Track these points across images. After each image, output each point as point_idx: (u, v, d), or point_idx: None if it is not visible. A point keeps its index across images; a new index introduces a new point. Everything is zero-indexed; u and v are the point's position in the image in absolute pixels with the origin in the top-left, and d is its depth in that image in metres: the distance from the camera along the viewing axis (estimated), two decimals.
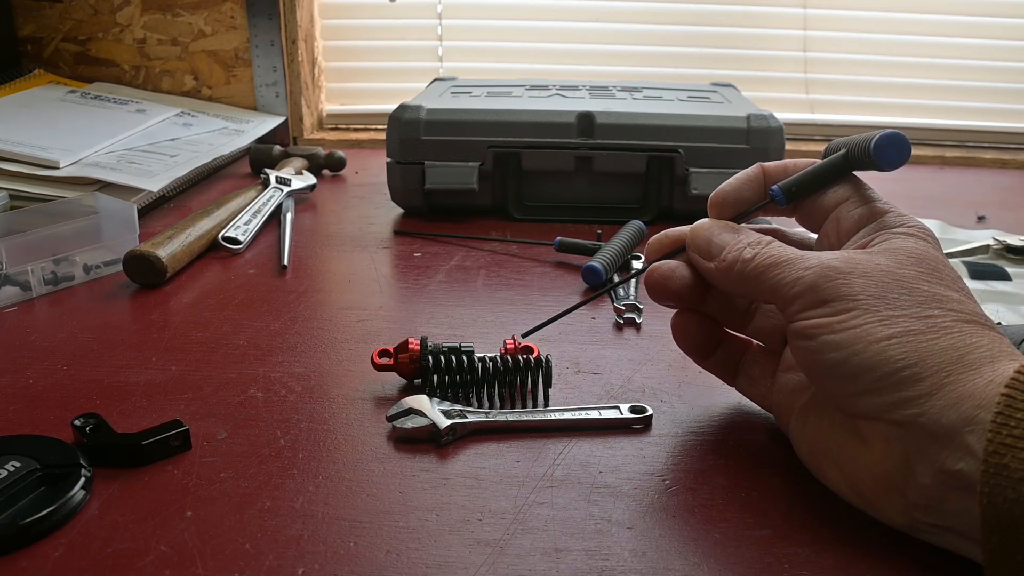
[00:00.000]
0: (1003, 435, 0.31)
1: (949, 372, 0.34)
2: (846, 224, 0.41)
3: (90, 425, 0.43)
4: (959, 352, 0.34)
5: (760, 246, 0.40)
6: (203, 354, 0.54)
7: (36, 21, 1.16)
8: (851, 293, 0.36)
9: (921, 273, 0.37)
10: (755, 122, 0.80)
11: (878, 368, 0.34)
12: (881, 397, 0.34)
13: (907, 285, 0.36)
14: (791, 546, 0.37)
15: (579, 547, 0.36)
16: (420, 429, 0.44)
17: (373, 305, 0.63)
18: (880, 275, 0.36)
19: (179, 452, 0.43)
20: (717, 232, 0.42)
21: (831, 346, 0.36)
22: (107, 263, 0.68)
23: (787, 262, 0.38)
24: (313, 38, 1.19)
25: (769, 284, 0.39)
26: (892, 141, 0.40)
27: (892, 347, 0.34)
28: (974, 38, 1.17)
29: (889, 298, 0.36)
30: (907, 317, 0.35)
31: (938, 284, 0.36)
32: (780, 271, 0.38)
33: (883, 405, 0.34)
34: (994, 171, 1.11)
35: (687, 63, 1.21)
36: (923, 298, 0.36)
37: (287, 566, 0.35)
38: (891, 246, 0.38)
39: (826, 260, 0.38)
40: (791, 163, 0.44)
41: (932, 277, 0.37)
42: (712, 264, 0.42)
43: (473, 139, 0.81)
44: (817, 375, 0.37)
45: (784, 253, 0.39)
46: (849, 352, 0.35)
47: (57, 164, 0.84)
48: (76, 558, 0.35)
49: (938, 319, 0.35)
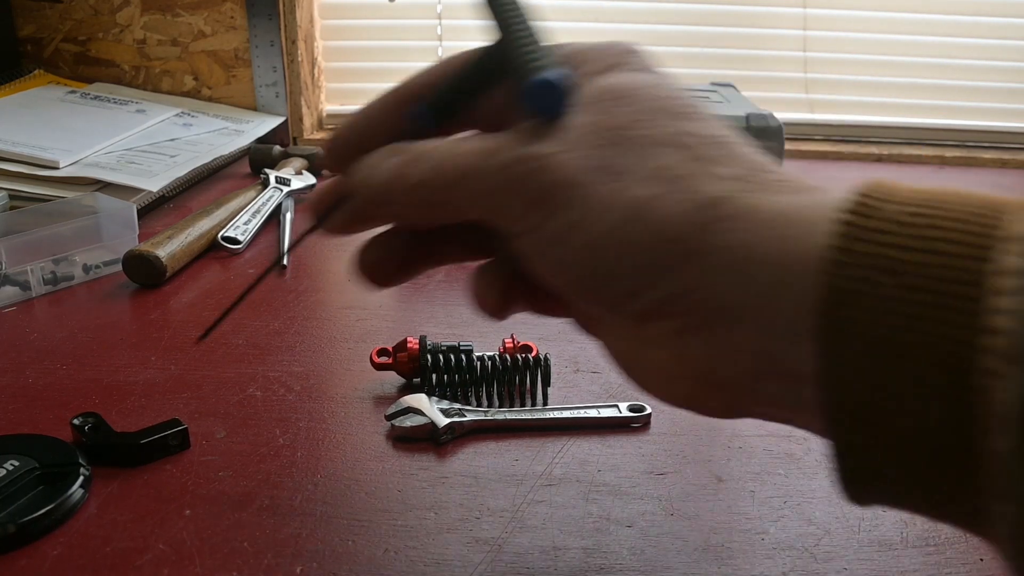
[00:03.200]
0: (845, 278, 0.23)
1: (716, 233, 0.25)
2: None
3: (89, 424, 0.43)
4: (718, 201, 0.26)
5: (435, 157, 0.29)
6: (202, 353, 0.54)
7: (36, 21, 1.16)
8: (563, 179, 0.27)
9: (632, 112, 0.28)
10: (755, 122, 0.80)
11: (627, 260, 0.26)
12: (650, 293, 0.26)
13: (623, 136, 0.27)
14: (791, 545, 0.37)
15: (578, 545, 0.36)
16: (419, 428, 0.44)
17: (372, 304, 0.63)
18: (585, 138, 0.27)
19: (178, 451, 0.43)
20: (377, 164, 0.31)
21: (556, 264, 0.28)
22: (107, 263, 0.68)
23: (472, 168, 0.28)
24: (313, 38, 1.19)
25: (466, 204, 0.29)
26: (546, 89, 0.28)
27: (632, 231, 0.26)
28: (974, 38, 1.17)
29: (608, 165, 0.27)
30: (637, 183, 0.26)
31: (660, 118, 0.28)
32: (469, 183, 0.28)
33: (656, 301, 0.26)
34: (994, 171, 1.11)
35: (687, 63, 1.21)
36: (645, 147, 0.27)
37: (285, 565, 0.35)
38: (587, 94, 0.28)
39: (516, 148, 0.28)
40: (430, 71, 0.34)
41: (647, 111, 0.28)
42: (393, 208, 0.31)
43: None
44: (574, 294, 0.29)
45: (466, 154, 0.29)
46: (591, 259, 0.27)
47: (57, 164, 0.84)
48: (75, 557, 0.35)
49: (676, 169, 0.26)
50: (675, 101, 0.28)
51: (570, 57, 0.31)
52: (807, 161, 1.13)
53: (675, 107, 0.28)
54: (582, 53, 0.31)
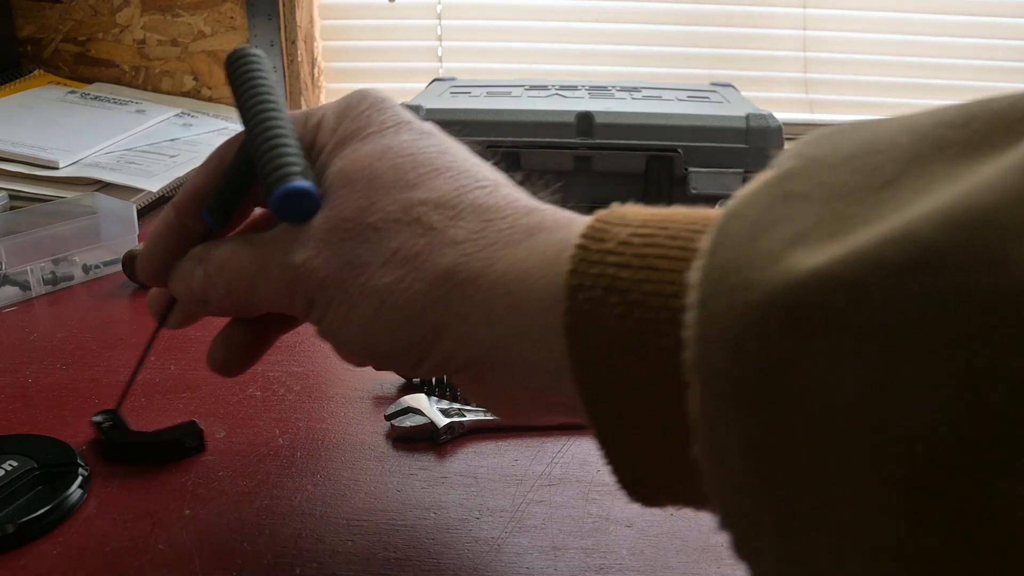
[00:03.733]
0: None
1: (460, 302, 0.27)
2: None
3: (108, 423, 0.43)
4: (453, 271, 0.27)
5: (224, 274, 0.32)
6: (202, 353, 0.54)
7: (36, 22, 1.16)
8: (319, 282, 0.29)
9: (361, 198, 0.29)
10: (754, 122, 0.80)
11: (393, 347, 0.28)
12: (425, 364, 0.28)
13: (357, 228, 0.28)
14: None
15: (577, 545, 0.36)
16: (418, 428, 0.44)
17: None
18: (327, 236, 0.29)
19: (194, 453, 0.43)
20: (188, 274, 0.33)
21: (346, 347, 0.30)
22: (106, 263, 0.68)
23: (256, 284, 0.31)
24: (313, 38, 1.19)
25: (262, 305, 0.32)
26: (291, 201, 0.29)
27: (385, 320, 0.28)
28: (974, 38, 1.17)
29: (352, 260, 0.28)
30: (378, 272, 0.28)
31: (389, 195, 0.29)
32: (260, 296, 0.31)
33: (433, 368, 0.29)
34: None
35: (687, 63, 1.21)
36: (378, 232, 0.28)
37: (285, 564, 0.35)
38: (324, 186, 0.30)
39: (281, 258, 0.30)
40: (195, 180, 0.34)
41: (376, 191, 0.29)
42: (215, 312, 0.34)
43: (472, 139, 0.81)
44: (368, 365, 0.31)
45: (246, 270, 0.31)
46: (362, 346, 0.29)
47: (57, 164, 0.84)
48: (74, 557, 0.35)
49: (409, 247, 0.28)
50: (405, 166, 0.29)
51: (311, 131, 0.32)
52: None
53: (404, 175, 0.29)
54: (324, 123, 0.32)
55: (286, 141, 0.30)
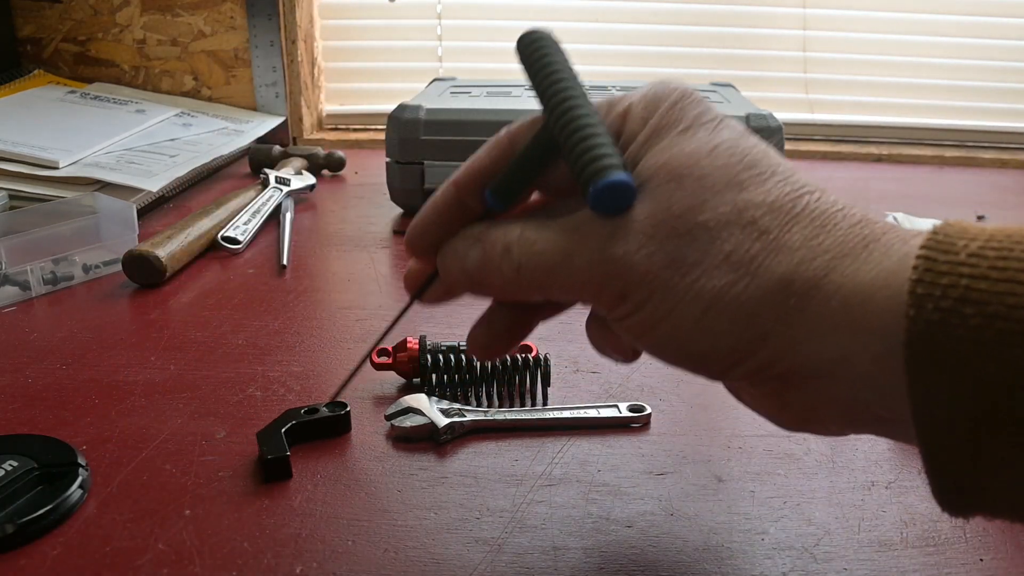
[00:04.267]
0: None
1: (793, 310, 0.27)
2: None
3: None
4: (788, 279, 0.27)
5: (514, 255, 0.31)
6: (202, 353, 0.54)
7: (36, 21, 1.16)
8: (640, 276, 0.28)
9: (691, 197, 0.28)
10: (754, 122, 0.80)
11: (714, 350, 0.28)
12: (740, 368, 0.28)
13: (686, 227, 0.28)
14: (791, 544, 0.37)
15: (577, 545, 0.36)
16: (419, 428, 0.44)
17: (372, 304, 0.63)
18: (653, 231, 0.28)
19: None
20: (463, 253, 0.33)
21: (656, 346, 0.29)
22: (106, 263, 0.68)
23: (556, 268, 0.30)
24: (313, 38, 1.19)
25: (559, 293, 0.31)
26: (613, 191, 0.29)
27: (714, 322, 0.27)
28: (974, 38, 1.17)
29: (678, 258, 0.28)
30: (708, 273, 0.27)
31: (719, 195, 0.28)
32: (558, 280, 0.30)
33: (748, 373, 0.28)
34: (993, 171, 1.11)
35: (687, 63, 1.21)
36: (710, 232, 0.28)
37: (285, 564, 0.35)
38: (646, 177, 0.29)
39: (593, 247, 0.29)
40: (479, 161, 0.34)
41: (706, 190, 0.28)
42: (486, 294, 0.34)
43: (472, 139, 0.80)
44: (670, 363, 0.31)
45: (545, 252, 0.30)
46: (679, 345, 0.29)
47: (57, 164, 0.84)
48: (74, 557, 0.35)
49: (743, 252, 0.27)
50: (734, 166, 0.28)
51: (617, 120, 0.31)
52: (807, 161, 1.13)
53: (735, 175, 0.28)
54: (631, 113, 0.31)
55: (598, 131, 0.30)
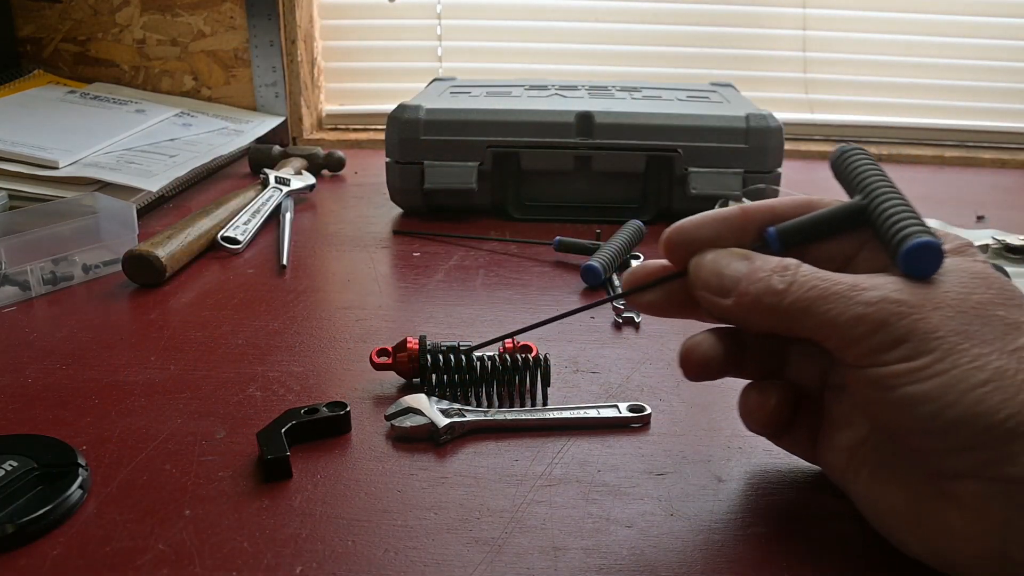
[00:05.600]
0: None
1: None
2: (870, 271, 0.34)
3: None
4: None
5: (791, 273, 0.33)
6: (202, 353, 0.54)
7: (36, 21, 1.16)
8: (930, 329, 0.30)
9: (992, 296, 0.32)
10: (754, 122, 0.80)
11: (977, 421, 0.29)
12: (981, 453, 0.29)
13: (984, 313, 0.31)
14: (791, 544, 0.37)
15: (577, 546, 0.36)
16: (419, 428, 0.44)
17: (372, 304, 0.63)
18: (953, 304, 0.31)
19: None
20: (726, 261, 0.35)
21: (917, 398, 0.30)
22: (106, 263, 0.68)
23: (837, 294, 0.32)
24: (312, 38, 1.19)
25: (818, 322, 0.32)
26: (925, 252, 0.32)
27: (989, 395, 0.29)
28: (974, 38, 1.17)
29: (972, 332, 0.30)
30: (997, 353, 0.30)
31: (1011, 307, 0.31)
32: (831, 305, 0.32)
33: (982, 462, 0.30)
34: (993, 171, 1.11)
35: (686, 63, 1.21)
36: (1006, 326, 0.31)
37: (285, 564, 0.35)
38: (952, 269, 0.33)
39: (888, 289, 0.31)
40: (779, 203, 0.37)
41: (1003, 299, 0.32)
42: (729, 301, 0.34)
43: (472, 139, 0.81)
44: (898, 430, 0.32)
45: (828, 280, 0.32)
46: (940, 404, 0.29)
47: (56, 164, 0.84)
48: (74, 557, 0.35)
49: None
50: (1016, 294, 0.33)
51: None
52: (807, 161, 1.13)
53: (1018, 299, 0.32)
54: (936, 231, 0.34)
55: (917, 214, 0.34)
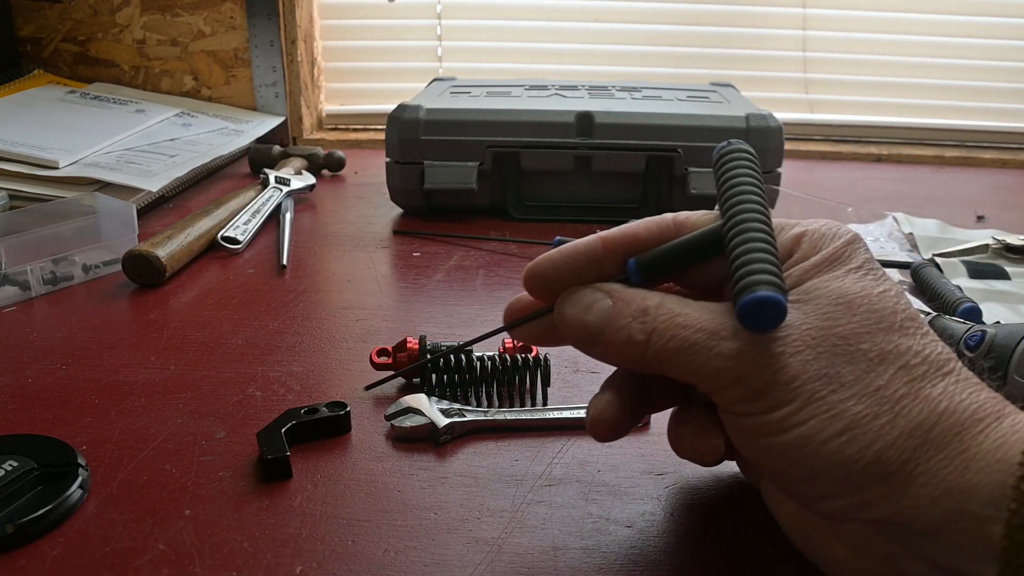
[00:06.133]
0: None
1: (918, 461, 0.28)
2: None
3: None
4: (923, 429, 0.28)
5: (650, 320, 0.32)
6: (202, 353, 0.54)
7: (36, 21, 1.16)
8: (789, 379, 0.29)
9: (856, 325, 0.30)
10: (754, 122, 0.80)
11: (837, 470, 0.29)
12: (845, 499, 0.29)
13: (846, 350, 0.29)
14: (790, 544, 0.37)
15: (577, 545, 0.36)
16: (419, 428, 0.44)
17: (372, 304, 0.63)
18: (813, 344, 0.30)
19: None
20: (587, 302, 0.33)
21: (781, 448, 0.30)
22: (106, 263, 0.68)
23: (696, 345, 0.31)
24: (312, 38, 1.19)
25: (682, 371, 0.31)
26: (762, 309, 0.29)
27: (846, 445, 0.28)
28: (974, 38, 1.17)
29: (832, 374, 0.29)
30: (856, 397, 0.29)
31: (883, 333, 0.30)
32: (692, 357, 0.31)
33: (850, 507, 0.29)
34: (994, 171, 1.11)
35: (687, 63, 1.21)
36: (869, 362, 0.29)
37: (285, 564, 0.35)
38: (815, 295, 0.31)
39: (745, 338, 0.30)
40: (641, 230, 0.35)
41: (869, 325, 0.30)
42: (597, 349, 0.33)
43: (472, 139, 0.81)
44: (767, 471, 0.32)
45: (688, 327, 0.31)
46: (802, 454, 0.29)
47: (56, 164, 0.84)
48: (74, 557, 0.35)
49: (893, 390, 0.29)
50: (899, 313, 0.31)
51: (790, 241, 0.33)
52: (807, 161, 1.13)
53: (899, 320, 0.30)
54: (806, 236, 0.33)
55: (769, 247, 0.31)
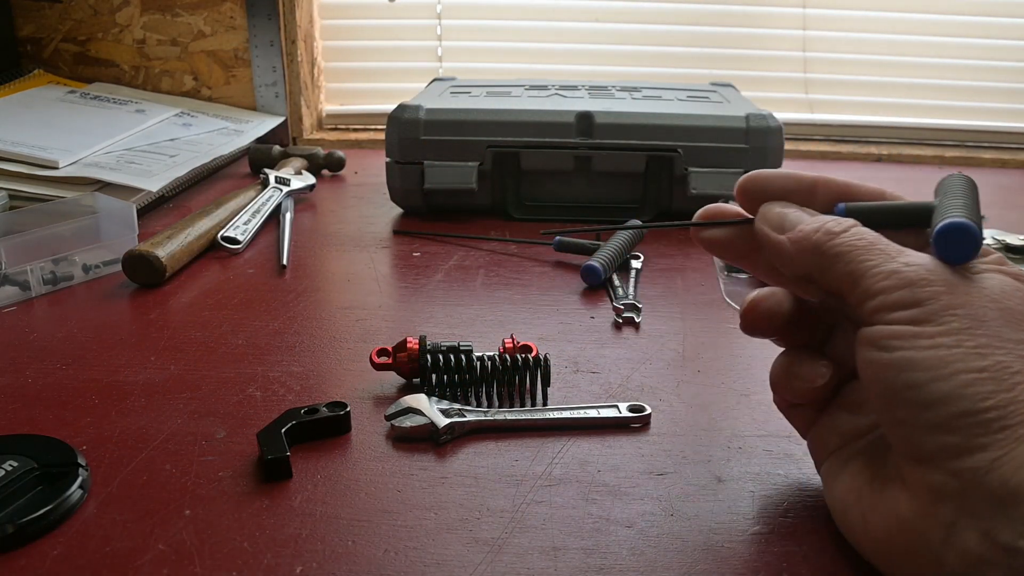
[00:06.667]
0: None
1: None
2: None
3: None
4: None
5: (848, 223, 0.35)
6: (202, 354, 0.54)
7: (36, 21, 1.16)
8: (951, 304, 0.31)
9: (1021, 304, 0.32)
10: (754, 122, 0.80)
11: (960, 402, 0.29)
12: (953, 437, 0.30)
13: (1010, 316, 0.31)
14: (790, 545, 0.37)
15: (577, 546, 0.36)
16: (419, 428, 0.44)
17: (372, 304, 0.63)
18: (984, 297, 0.31)
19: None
20: (794, 211, 0.37)
21: (911, 364, 0.30)
22: (106, 263, 0.68)
23: (882, 250, 0.33)
24: (312, 38, 1.19)
25: (852, 268, 0.33)
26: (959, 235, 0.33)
27: (981, 381, 0.29)
28: (974, 38, 1.17)
29: (990, 323, 0.31)
30: (1005, 350, 0.30)
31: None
32: (871, 257, 0.33)
33: (951, 447, 0.30)
34: (994, 171, 1.11)
35: (687, 63, 1.21)
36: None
37: (285, 564, 0.35)
38: (990, 274, 0.33)
39: (932, 264, 0.32)
40: (855, 183, 0.38)
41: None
42: (783, 236, 0.36)
43: (472, 139, 0.81)
44: (883, 393, 0.32)
45: (880, 239, 0.34)
46: (931, 376, 0.30)
47: (56, 164, 0.84)
48: (74, 557, 0.35)
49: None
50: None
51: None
52: (807, 161, 1.13)
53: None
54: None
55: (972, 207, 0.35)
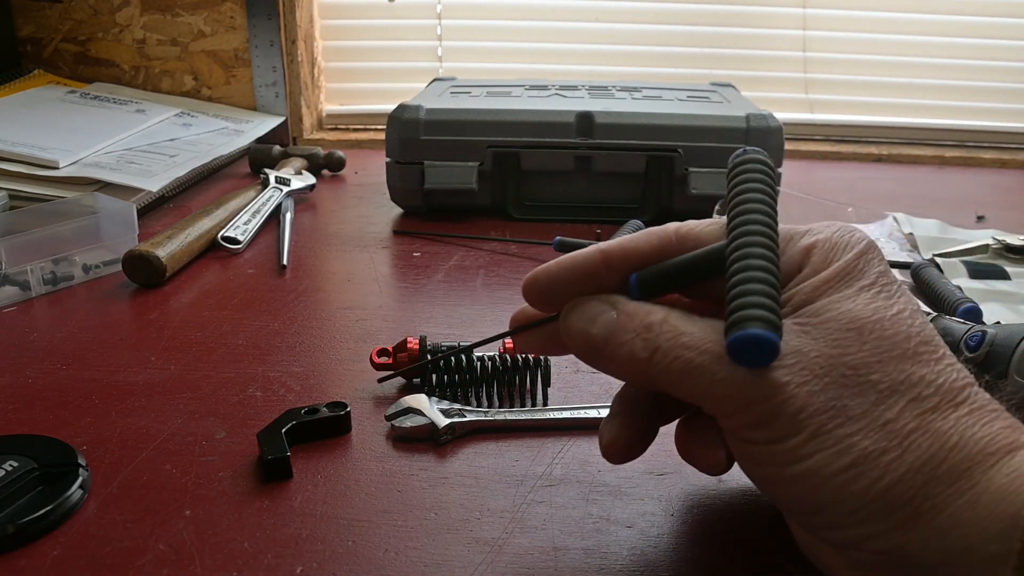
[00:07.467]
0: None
1: (926, 496, 0.27)
2: None
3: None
4: (932, 464, 0.27)
5: (653, 336, 0.31)
6: (202, 354, 0.54)
7: (36, 21, 1.16)
8: (796, 410, 0.28)
9: (866, 355, 0.29)
10: (754, 122, 0.80)
11: (840, 504, 0.28)
12: (852, 531, 0.28)
13: (856, 381, 0.28)
14: (789, 544, 0.37)
15: (578, 546, 0.36)
16: (419, 428, 0.44)
17: (372, 305, 0.63)
18: (822, 373, 0.28)
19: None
20: (592, 314, 0.32)
21: (785, 479, 0.29)
22: (106, 263, 0.68)
23: (701, 369, 0.29)
24: (313, 38, 1.19)
25: (686, 393, 0.30)
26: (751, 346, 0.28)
27: (852, 480, 0.28)
28: (974, 38, 1.17)
29: (840, 407, 0.28)
30: (864, 432, 0.28)
31: (894, 361, 0.29)
32: (696, 380, 0.30)
33: (856, 538, 0.28)
34: (994, 171, 1.11)
35: (687, 63, 1.21)
36: (878, 394, 0.28)
37: (285, 565, 0.35)
38: (825, 317, 0.29)
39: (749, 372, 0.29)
40: (643, 244, 0.34)
41: (883, 351, 0.29)
42: (601, 364, 0.33)
43: (472, 139, 0.81)
44: (771, 498, 0.31)
45: (692, 348, 0.30)
46: (806, 487, 0.28)
47: (56, 164, 0.84)
48: (74, 557, 0.35)
49: (902, 424, 0.28)
50: (913, 337, 0.29)
51: (800, 253, 0.32)
52: (807, 161, 1.13)
53: (913, 346, 0.29)
54: (817, 247, 0.31)
55: (769, 279, 0.29)
